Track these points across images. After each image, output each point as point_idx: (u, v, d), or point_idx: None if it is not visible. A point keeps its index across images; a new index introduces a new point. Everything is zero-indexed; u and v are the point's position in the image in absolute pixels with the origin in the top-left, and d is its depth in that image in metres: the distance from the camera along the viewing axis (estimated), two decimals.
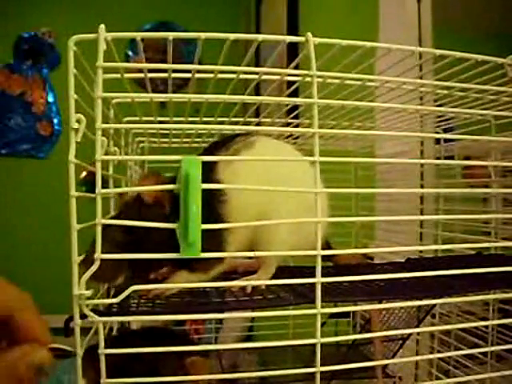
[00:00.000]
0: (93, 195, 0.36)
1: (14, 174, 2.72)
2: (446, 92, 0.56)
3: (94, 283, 0.38)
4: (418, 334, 0.86)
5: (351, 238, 0.99)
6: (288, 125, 0.75)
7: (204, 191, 0.35)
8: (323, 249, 0.40)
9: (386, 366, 0.77)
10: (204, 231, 0.35)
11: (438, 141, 0.88)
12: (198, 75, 0.46)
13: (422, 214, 0.91)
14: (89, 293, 0.35)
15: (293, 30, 1.79)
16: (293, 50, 1.44)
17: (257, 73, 0.46)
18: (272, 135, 0.63)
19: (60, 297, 1.24)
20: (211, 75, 0.46)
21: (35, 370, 0.33)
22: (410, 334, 0.76)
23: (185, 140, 0.76)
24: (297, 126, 0.75)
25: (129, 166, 0.72)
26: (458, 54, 0.46)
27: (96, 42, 0.36)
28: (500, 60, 0.48)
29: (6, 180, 2.71)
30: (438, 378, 0.77)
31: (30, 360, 0.33)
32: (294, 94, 0.57)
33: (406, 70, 0.52)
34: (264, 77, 0.47)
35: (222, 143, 0.53)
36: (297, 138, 0.81)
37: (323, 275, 0.39)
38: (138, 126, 0.59)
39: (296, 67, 0.46)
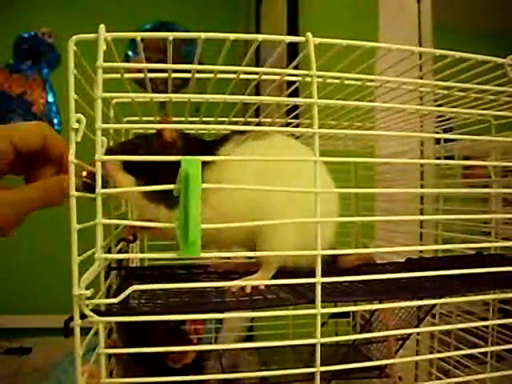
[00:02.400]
0: (93, 195, 0.36)
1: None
2: (445, 92, 0.56)
3: None
4: (418, 334, 0.86)
5: (351, 237, 0.99)
6: (288, 125, 0.75)
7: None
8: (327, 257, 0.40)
9: (385, 366, 0.77)
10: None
11: (437, 141, 0.88)
12: (197, 75, 0.46)
13: (422, 214, 0.91)
14: (88, 293, 0.35)
15: (293, 30, 1.79)
16: (293, 49, 1.44)
17: (257, 73, 0.47)
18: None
19: (60, 297, 1.24)
20: (211, 75, 0.46)
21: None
22: (410, 334, 0.76)
23: None
24: (297, 126, 0.75)
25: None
26: (458, 54, 0.46)
27: (96, 42, 0.36)
28: (500, 60, 0.48)
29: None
30: (438, 378, 0.77)
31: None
32: (294, 93, 0.57)
33: (406, 70, 0.52)
34: (264, 77, 0.47)
35: (237, 132, 0.54)
36: (297, 138, 0.81)
37: (323, 275, 0.39)
38: (138, 126, 0.59)
39: (296, 67, 0.46)
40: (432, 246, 0.78)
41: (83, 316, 0.35)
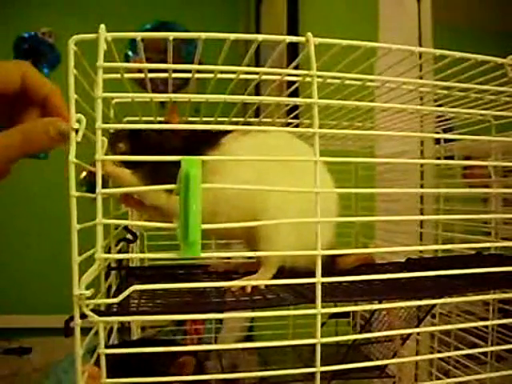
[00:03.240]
0: (93, 195, 0.36)
1: (14, 174, 2.72)
2: (445, 92, 0.56)
3: None
4: (418, 333, 0.86)
5: (351, 238, 0.99)
6: (288, 125, 0.75)
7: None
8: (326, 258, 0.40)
9: (385, 366, 0.77)
10: None
11: (437, 141, 0.88)
12: (197, 75, 0.46)
13: (422, 213, 0.91)
14: (89, 293, 0.35)
15: (293, 30, 1.79)
16: (293, 49, 1.44)
17: (257, 73, 0.46)
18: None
19: (60, 297, 1.24)
20: (211, 75, 0.46)
21: (60, 133, 0.38)
22: (410, 334, 0.76)
23: None
24: (297, 125, 0.75)
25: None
26: (458, 54, 0.46)
27: (96, 41, 0.36)
28: (500, 60, 0.48)
29: (6, 180, 2.70)
30: (438, 378, 0.77)
31: (59, 125, 0.38)
32: (294, 94, 0.57)
33: (406, 70, 0.52)
34: (264, 77, 0.47)
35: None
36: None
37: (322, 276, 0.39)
38: (137, 126, 0.59)
39: (296, 67, 0.46)
40: (432, 246, 0.78)
41: (83, 316, 0.35)
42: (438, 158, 0.86)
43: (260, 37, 0.41)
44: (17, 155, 0.39)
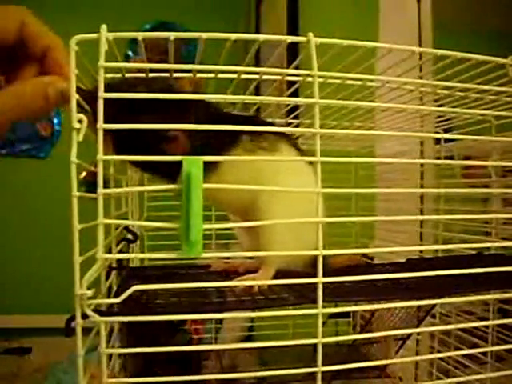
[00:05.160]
0: (94, 195, 0.36)
1: (14, 174, 2.72)
2: (446, 92, 0.56)
3: None
4: (418, 334, 0.86)
5: (351, 238, 0.99)
6: (288, 125, 0.75)
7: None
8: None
9: (386, 366, 0.78)
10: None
11: (438, 141, 0.88)
12: (198, 75, 0.46)
13: (422, 213, 0.91)
14: (90, 293, 0.35)
15: (293, 30, 1.79)
16: (293, 49, 1.44)
17: (257, 73, 0.47)
18: None
19: (60, 297, 1.24)
20: (211, 75, 0.46)
21: (59, 94, 0.36)
22: (410, 334, 0.76)
23: None
24: (297, 126, 0.75)
25: (129, 166, 0.72)
26: (459, 55, 0.46)
27: (96, 41, 0.36)
28: (501, 60, 0.48)
29: (6, 180, 2.71)
30: (438, 378, 0.77)
31: (59, 86, 0.36)
32: (294, 94, 0.57)
33: (406, 71, 0.52)
34: (265, 77, 0.47)
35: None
36: (297, 138, 0.81)
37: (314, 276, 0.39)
38: (138, 126, 0.59)
39: (296, 67, 0.46)
40: (432, 246, 0.79)
41: (85, 316, 0.35)
42: (438, 158, 0.86)
43: (261, 37, 0.41)
44: (10, 120, 0.35)
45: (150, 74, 0.48)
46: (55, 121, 2.86)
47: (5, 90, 0.35)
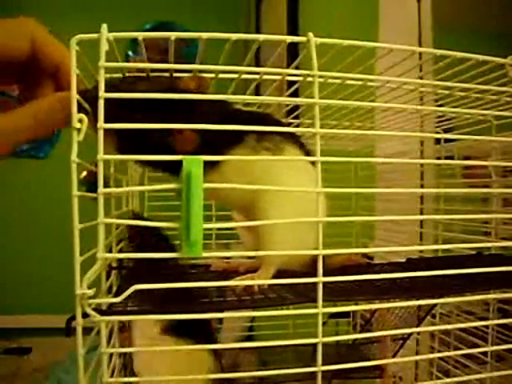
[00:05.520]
0: (94, 195, 0.36)
1: (14, 174, 2.72)
2: (446, 92, 0.56)
3: None
4: (418, 333, 0.86)
5: (351, 238, 0.99)
6: (289, 125, 0.75)
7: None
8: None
9: (386, 365, 0.77)
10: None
11: (438, 141, 0.88)
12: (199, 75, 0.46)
13: (422, 213, 0.91)
14: (91, 292, 0.35)
15: (293, 29, 1.79)
16: (293, 49, 1.44)
17: (258, 73, 0.47)
18: None
19: (60, 297, 1.24)
20: (212, 75, 0.46)
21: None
22: (410, 334, 0.76)
23: None
24: (297, 126, 0.75)
25: (129, 166, 0.72)
26: (459, 55, 0.46)
27: (97, 41, 0.36)
28: (501, 60, 0.48)
29: (6, 180, 2.71)
30: (438, 378, 0.77)
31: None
32: (295, 94, 0.57)
33: (406, 71, 0.52)
34: (265, 77, 0.47)
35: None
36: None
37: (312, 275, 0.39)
38: (138, 126, 0.59)
39: (296, 67, 0.46)
40: (432, 246, 0.78)
41: (85, 315, 0.36)
42: (438, 158, 0.86)
43: (261, 37, 0.41)
44: (27, 138, 0.36)
45: (151, 74, 0.48)
46: None
47: (25, 108, 0.35)
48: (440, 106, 0.62)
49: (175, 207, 0.46)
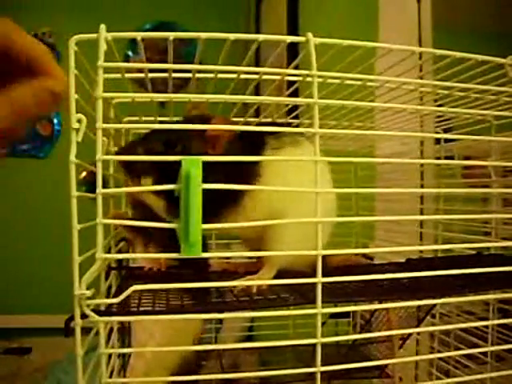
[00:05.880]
0: (93, 195, 0.36)
1: (14, 174, 2.72)
2: (446, 92, 0.56)
3: None
4: (418, 333, 0.86)
5: (351, 238, 0.99)
6: (288, 125, 0.75)
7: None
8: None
9: (386, 365, 0.77)
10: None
11: (437, 141, 0.88)
12: (198, 75, 0.46)
13: (422, 213, 0.91)
14: (89, 293, 0.35)
15: (293, 29, 1.79)
16: (293, 49, 1.44)
17: (257, 73, 0.46)
18: None
19: (60, 297, 1.23)
20: (211, 75, 0.46)
21: (53, 95, 0.35)
22: (410, 334, 0.76)
23: None
24: (297, 126, 0.75)
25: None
26: (459, 54, 0.46)
27: (96, 41, 0.36)
28: (500, 60, 0.48)
29: (6, 180, 2.70)
30: (438, 378, 0.77)
31: (49, 85, 0.35)
32: (294, 94, 0.57)
33: (406, 71, 0.52)
34: (265, 77, 0.47)
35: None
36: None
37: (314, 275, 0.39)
38: (138, 126, 0.59)
39: (296, 67, 0.46)
40: (432, 246, 0.78)
41: (84, 316, 0.35)
42: (438, 158, 0.86)
43: (261, 37, 0.41)
44: (7, 127, 0.35)
45: (150, 74, 0.48)
46: (55, 121, 2.86)
47: (3, 95, 0.35)
48: (440, 105, 0.62)
49: None
